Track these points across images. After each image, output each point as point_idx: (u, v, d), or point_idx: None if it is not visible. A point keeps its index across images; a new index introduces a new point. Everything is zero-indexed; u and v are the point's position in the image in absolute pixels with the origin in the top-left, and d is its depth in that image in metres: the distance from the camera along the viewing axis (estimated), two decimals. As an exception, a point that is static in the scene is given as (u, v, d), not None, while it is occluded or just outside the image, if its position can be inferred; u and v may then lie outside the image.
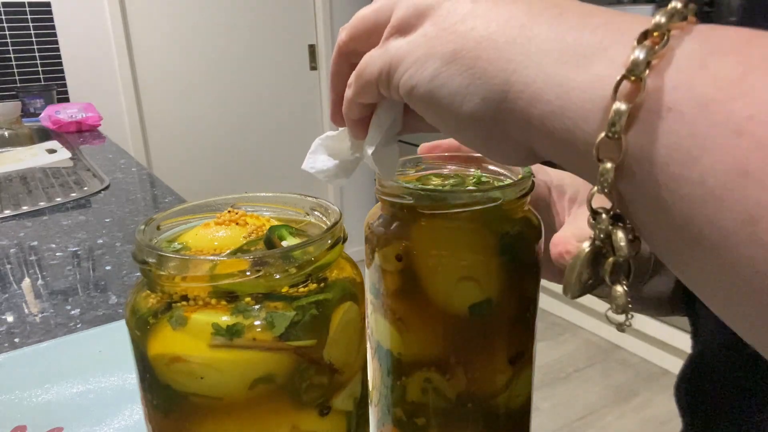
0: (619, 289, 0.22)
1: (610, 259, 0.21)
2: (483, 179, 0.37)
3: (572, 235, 0.36)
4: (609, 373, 2.15)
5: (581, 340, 2.37)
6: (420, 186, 0.36)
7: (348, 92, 0.29)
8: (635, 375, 2.13)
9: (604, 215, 0.21)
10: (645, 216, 0.19)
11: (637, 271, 0.44)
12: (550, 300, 2.53)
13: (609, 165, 0.19)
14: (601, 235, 0.21)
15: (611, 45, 0.20)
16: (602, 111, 0.19)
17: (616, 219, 0.21)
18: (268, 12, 2.72)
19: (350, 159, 0.33)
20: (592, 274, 0.23)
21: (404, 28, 0.25)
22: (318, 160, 0.34)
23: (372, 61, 0.26)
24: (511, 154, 0.24)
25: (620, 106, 0.18)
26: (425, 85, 0.24)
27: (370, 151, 0.30)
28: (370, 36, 0.27)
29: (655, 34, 0.18)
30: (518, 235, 0.33)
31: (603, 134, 0.19)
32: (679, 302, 0.52)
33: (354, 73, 0.28)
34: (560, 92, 0.20)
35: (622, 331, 0.23)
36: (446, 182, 0.37)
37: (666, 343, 2.09)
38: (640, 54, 0.18)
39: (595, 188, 0.20)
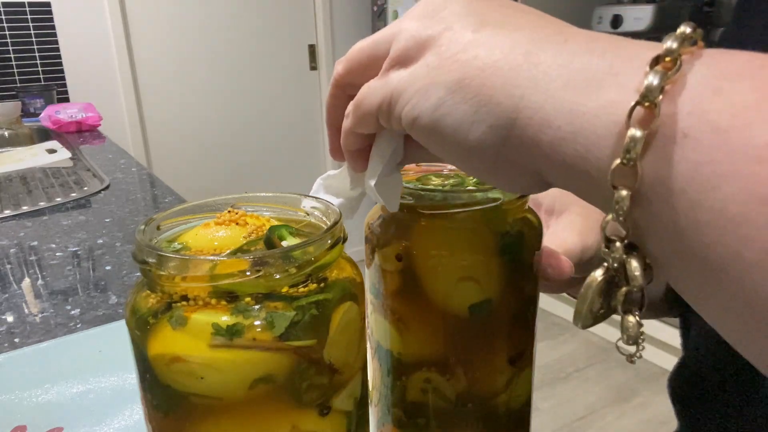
0: (632, 319, 0.21)
1: (623, 289, 0.21)
2: (483, 179, 0.37)
3: (562, 251, 0.36)
4: (609, 373, 2.15)
5: (581, 340, 2.37)
6: (420, 186, 0.36)
7: (346, 123, 0.28)
8: (635, 375, 2.13)
9: (618, 243, 0.20)
10: (662, 245, 0.19)
11: None
12: (550, 300, 2.53)
13: (624, 192, 0.19)
14: (615, 264, 0.21)
15: (621, 71, 0.19)
16: (615, 137, 0.19)
17: (630, 248, 0.20)
18: (268, 12, 2.72)
19: (354, 196, 0.33)
20: (604, 304, 0.22)
21: (405, 60, 0.25)
22: None
23: (371, 92, 0.26)
24: (520, 182, 0.24)
25: (635, 132, 0.18)
26: (429, 115, 0.23)
27: (372, 182, 0.29)
28: (367, 68, 0.27)
29: (667, 59, 0.18)
30: (518, 235, 0.33)
31: (618, 161, 0.18)
32: (667, 306, 0.52)
33: (352, 103, 0.28)
34: (571, 118, 0.20)
35: (632, 362, 0.23)
36: (446, 182, 0.37)
37: (666, 343, 2.09)
38: (653, 79, 0.18)
39: (610, 216, 0.20)
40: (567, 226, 0.38)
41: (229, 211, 0.30)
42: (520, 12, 0.24)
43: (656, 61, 0.18)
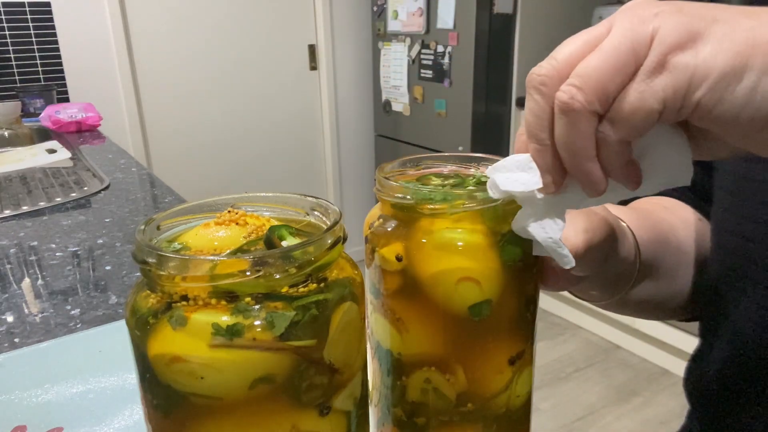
0: None
1: None
2: (483, 179, 0.37)
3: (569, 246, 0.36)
4: (609, 373, 2.15)
5: (581, 340, 2.37)
6: (420, 186, 0.36)
7: (610, 141, 0.27)
8: (635, 375, 2.13)
9: None
10: None
11: (622, 276, 0.44)
12: (550, 300, 2.53)
13: None
14: None
15: None
16: None
17: None
18: (268, 12, 2.72)
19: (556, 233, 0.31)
20: None
21: (683, 45, 0.25)
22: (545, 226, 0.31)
23: (652, 89, 0.25)
24: None
25: None
26: (744, 95, 0.24)
27: (685, 162, 0.29)
28: (625, 76, 0.26)
29: None
30: (518, 235, 0.33)
31: None
32: (683, 312, 0.52)
33: (621, 111, 0.26)
34: None
35: None
36: (446, 182, 0.37)
37: (666, 343, 2.09)
38: None
39: None
40: (569, 224, 0.38)
41: (229, 211, 0.30)
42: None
43: None
